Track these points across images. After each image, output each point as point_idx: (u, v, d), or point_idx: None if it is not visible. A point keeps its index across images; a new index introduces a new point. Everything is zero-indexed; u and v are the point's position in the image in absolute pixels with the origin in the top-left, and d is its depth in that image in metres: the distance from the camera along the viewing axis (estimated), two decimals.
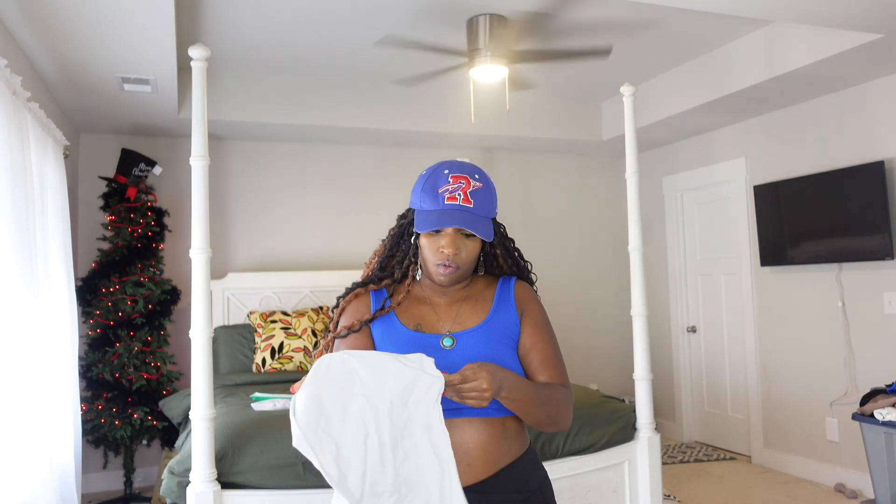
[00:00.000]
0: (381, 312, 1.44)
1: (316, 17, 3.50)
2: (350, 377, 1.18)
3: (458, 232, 1.38)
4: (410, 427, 1.18)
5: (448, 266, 1.38)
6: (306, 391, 1.17)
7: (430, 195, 1.38)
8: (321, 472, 1.14)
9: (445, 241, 1.37)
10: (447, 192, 1.37)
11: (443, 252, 1.37)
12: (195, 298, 2.29)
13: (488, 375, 1.21)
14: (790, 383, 4.48)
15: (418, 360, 1.19)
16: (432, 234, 1.39)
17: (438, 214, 1.36)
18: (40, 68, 3.34)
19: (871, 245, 3.82)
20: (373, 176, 5.22)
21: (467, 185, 1.38)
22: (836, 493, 4.05)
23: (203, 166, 2.34)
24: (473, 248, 1.42)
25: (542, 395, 1.35)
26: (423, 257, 1.42)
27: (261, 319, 4.34)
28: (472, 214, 1.36)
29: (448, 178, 1.38)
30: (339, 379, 1.17)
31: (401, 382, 1.17)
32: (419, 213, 1.40)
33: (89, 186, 4.51)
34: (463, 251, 1.39)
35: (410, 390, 1.17)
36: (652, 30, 3.81)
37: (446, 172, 1.40)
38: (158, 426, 4.03)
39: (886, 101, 3.84)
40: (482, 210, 1.38)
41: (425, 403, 1.17)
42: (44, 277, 2.96)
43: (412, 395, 1.17)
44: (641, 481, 2.93)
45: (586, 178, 5.96)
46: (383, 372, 1.18)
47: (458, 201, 1.36)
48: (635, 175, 3.02)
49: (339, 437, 1.15)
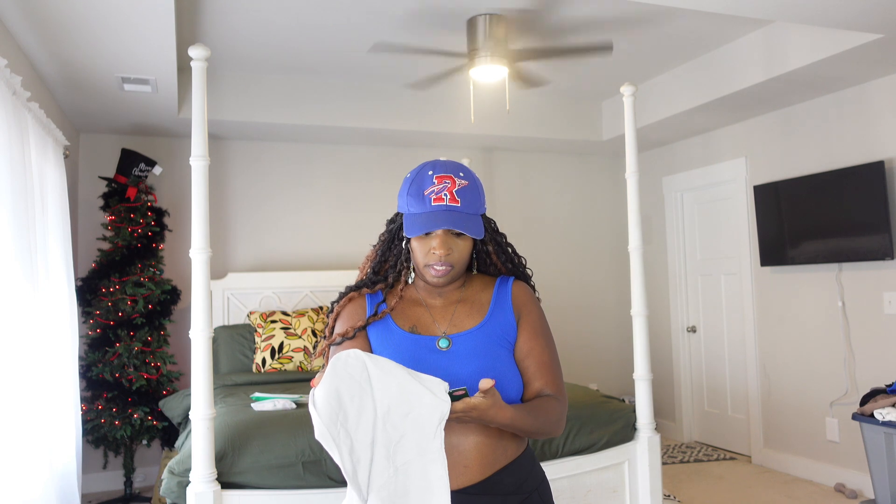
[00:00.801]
0: (374, 318, 1.43)
1: (316, 17, 3.50)
2: (368, 378, 1.18)
3: (448, 232, 1.37)
4: (404, 444, 1.17)
5: (440, 267, 1.37)
6: (326, 385, 1.17)
7: (416, 198, 1.37)
8: (340, 466, 1.15)
9: (436, 242, 1.36)
10: (433, 194, 1.36)
11: (434, 254, 1.36)
12: (195, 298, 2.29)
13: (488, 415, 1.22)
14: (790, 383, 4.48)
15: (432, 381, 1.18)
16: (422, 236, 1.38)
17: (426, 217, 1.35)
18: (40, 68, 3.34)
19: (871, 245, 3.82)
20: (373, 176, 5.22)
21: (453, 184, 1.37)
22: (836, 493, 4.05)
23: (203, 166, 2.34)
24: (465, 246, 1.41)
25: (538, 423, 1.34)
26: (415, 260, 1.42)
27: (261, 319, 4.34)
28: (460, 213, 1.36)
29: (433, 180, 1.37)
30: (356, 374, 1.18)
31: (404, 393, 1.16)
32: (407, 216, 1.39)
33: (89, 186, 4.51)
34: (455, 251, 1.38)
35: (411, 405, 1.16)
36: (652, 30, 3.81)
37: (430, 174, 1.38)
38: (158, 426, 4.03)
39: (886, 101, 3.84)
40: (470, 208, 1.38)
41: (426, 427, 1.16)
42: (44, 277, 2.96)
43: (412, 410, 1.16)
44: (641, 481, 2.93)
45: (586, 178, 5.96)
46: (391, 378, 1.17)
47: (444, 202, 1.35)
48: (635, 175, 3.02)
49: (354, 432, 1.16)
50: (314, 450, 2.44)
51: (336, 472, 2.42)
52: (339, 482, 2.41)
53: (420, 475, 1.17)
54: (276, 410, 2.86)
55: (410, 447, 1.17)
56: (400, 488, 1.17)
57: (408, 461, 1.17)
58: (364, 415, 1.17)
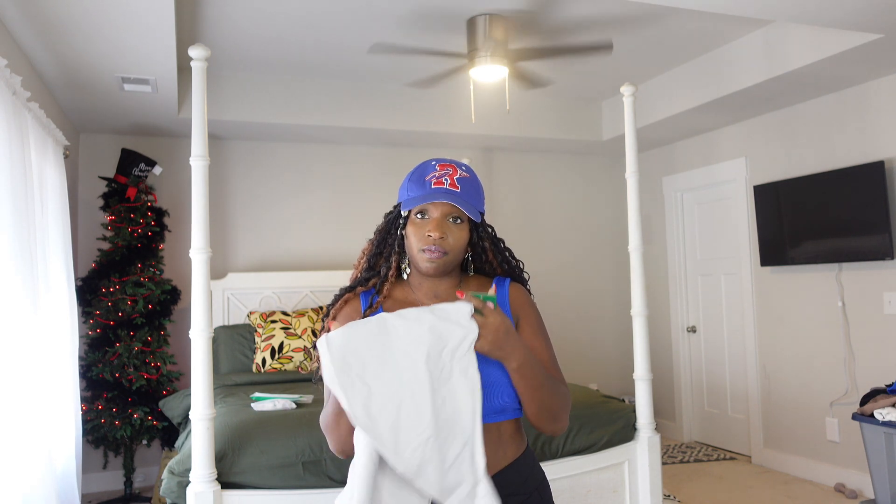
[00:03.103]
0: (371, 310, 1.43)
1: (316, 17, 3.50)
2: (387, 332, 1.23)
3: (444, 218, 1.38)
4: (447, 374, 1.23)
5: (434, 251, 1.37)
6: (344, 333, 1.22)
7: (418, 183, 1.40)
8: (349, 413, 1.18)
9: (431, 225, 1.37)
10: (434, 178, 1.38)
11: (429, 237, 1.37)
12: (195, 298, 2.29)
13: (503, 321, 1.26)
14: (790, 383, 4.48)
15: (456, 310, 1.24)
16: (418, 221, 1.39)
17: (425, 197, 1.37)
18: (40, 68, 3.34)
19: (871, 245, 3.82)
20: (373, 176, 5.22)
21: (454, 172, 1.40)
22: (836, 493, 4.05)
23: (203, 166, 2.34)
24: (461, 235, 1.41)
25: (549, 381, 1.36)
26: (410, 246, 1.41)
27: (261, 319, 4.34)
28: (459, 197, 1.38)
29: (435, 167, 1.40)
30: (377, 333, 1.23)
31: (435, 334, 1.22)
32: (406, 200, 1.41)
33: (89, 186, 4.51)
34: (450, 237, 1.38)
35: (444, 342, 1.22)
36: (652, 29, 3.81)
37: (433, 164, 1.42)
38: (158, 426, 4.03)
39: (886, 101, 3.84)
40: (469, 198, 1.39)
41: (460, 351, 1.23)
42: (44, 277, 2.96)
43: (446, 346, 1.22)
44: (641, 481, 2.93)
45: (586, 178, 5.96)
46: (419, 325, 1.23)
47: (444, 185, 1.37)
48: (635, 175, 3.02)
49: (373, 384, 1.20)
50: (314, 450, 2.44)
51: (336, 472, 2.42)
52: (338, 482, 2.40)
53: (466, 394, 1.23)
54: (276, 410, 2.86)
55: (454, 373, 1.23)
56: (452, 414, 1.22)
57: (453, 387, 1.23)
58: (386, 370, 1.21)
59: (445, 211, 1.38)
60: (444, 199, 1.35)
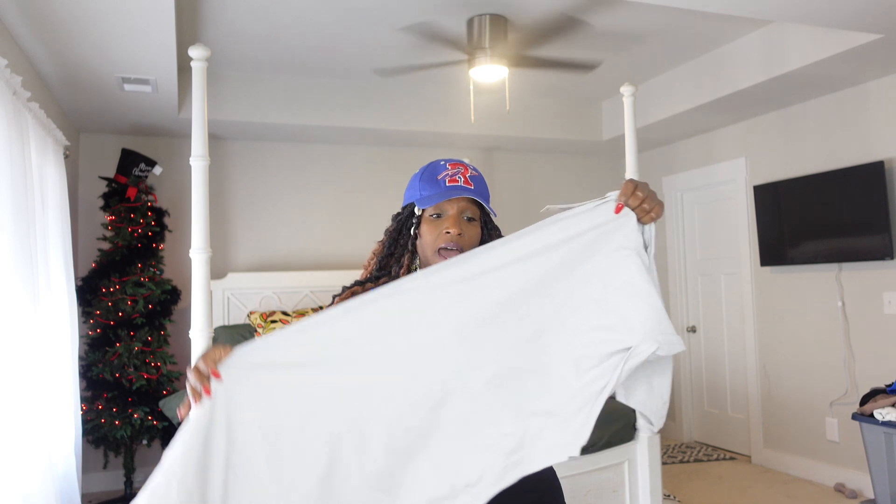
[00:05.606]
0: None
1: (316, 17, 3.50)
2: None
3: (460, 215, 1.38)
4: (615, 271, 1.28)
5: (452, 249, 1.36)
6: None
7: (430, 182, 1.39)
8: None
9: (449, 222, 1.37)
10: (448, 176, 1.39)
11: (447, 234, 1.36)
12: (195, 298, 2.29)
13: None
14: (790, 383, 4.48)
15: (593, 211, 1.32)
16: (433, 220, 1.39)
17: (441, 193, 1.37)
18: (40, 68, 3.34)
19: (871, 245, 3.82)
20: (373, 176, 5.22)
21: (465, 170, 1.41)
22: (836, 493, 4.05)
23: (203, 166, 2.34)
24: (475, 234, 1.41)
25: None
26: (424, 245, 1.40)
27: (261, 319, 4.34)
28: (476, 193, 1.39)
29: (446, 166, 1.41)
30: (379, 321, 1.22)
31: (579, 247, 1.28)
32: (420, 199, 1.40)
33: (89, 186, 4.51)
34: (465, 234, 1.38)
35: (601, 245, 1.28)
36: (652, 30, 3.81)
37: (442, 163, 1.42)
38: (158, 426, 4.03)
39: (886, 101, 3.84)
40: (482, 196, 1.40)
41: (619, 236, 1.29)
42: (44, 277, 2.96)
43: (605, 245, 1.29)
44: (641, 481, 2.93)
45: (586, 178, 5.96)
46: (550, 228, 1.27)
47: (459, 182, 1.38)
48: (635, 175, 3.02)
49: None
50: None
51: None
52: None
53: (644, 279, 1.32)
54: None
55: (619, 265, 1.34)
56: (629, 311, 1.27)
57: (629, 279, 1.32)
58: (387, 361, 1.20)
59: (461, 208, 1.38)
60: (462, 194, 1.36)
